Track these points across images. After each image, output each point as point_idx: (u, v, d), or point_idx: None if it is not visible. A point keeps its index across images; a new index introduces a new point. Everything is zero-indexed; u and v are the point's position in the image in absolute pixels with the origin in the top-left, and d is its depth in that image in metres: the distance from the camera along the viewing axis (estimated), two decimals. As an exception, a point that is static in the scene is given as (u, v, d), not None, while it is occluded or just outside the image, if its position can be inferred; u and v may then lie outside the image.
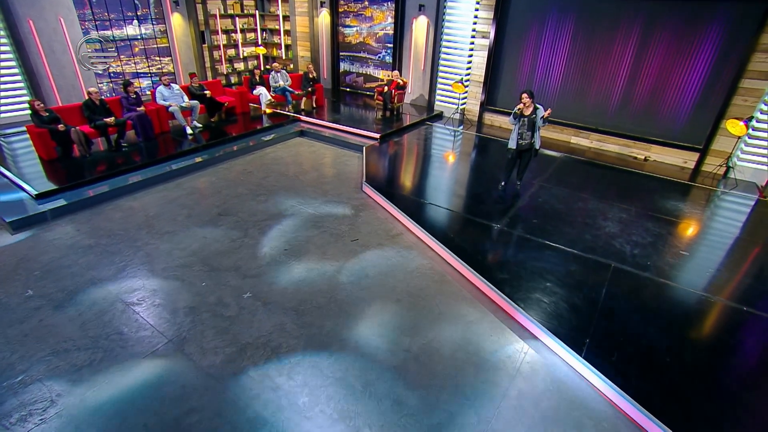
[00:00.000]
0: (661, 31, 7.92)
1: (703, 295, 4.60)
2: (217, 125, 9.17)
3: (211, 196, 6.48)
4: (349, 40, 12.05)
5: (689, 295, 4.63)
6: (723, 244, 5.79)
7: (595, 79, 8.84)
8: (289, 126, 9.58)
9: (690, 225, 6.20)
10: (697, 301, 4.55)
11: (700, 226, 6.19)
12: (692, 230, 6.07)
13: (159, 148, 7.87)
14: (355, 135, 9.14)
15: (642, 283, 4.73)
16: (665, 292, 4.64)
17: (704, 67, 7.76)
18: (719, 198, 7.22)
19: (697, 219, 6.43)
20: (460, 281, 4.78)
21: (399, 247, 5.38)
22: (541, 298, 4.38)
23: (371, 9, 11.28)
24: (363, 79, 12.30)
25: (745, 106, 7.57)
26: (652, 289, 4.66)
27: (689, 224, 6.21)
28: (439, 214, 6.04)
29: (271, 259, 5.01)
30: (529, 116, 6.23)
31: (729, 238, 5.96)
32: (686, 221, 6.29)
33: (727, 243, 5.81)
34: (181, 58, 11.33)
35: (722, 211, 6.83)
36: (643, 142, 8.60)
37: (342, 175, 7.43)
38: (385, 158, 8.22)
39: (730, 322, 4.32)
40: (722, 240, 5.89)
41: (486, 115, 10.52)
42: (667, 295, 4.61)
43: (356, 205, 6.36)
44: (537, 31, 9.21)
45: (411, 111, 10.92)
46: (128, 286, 4.51)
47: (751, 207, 6.89)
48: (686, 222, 6.27)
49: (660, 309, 4.39)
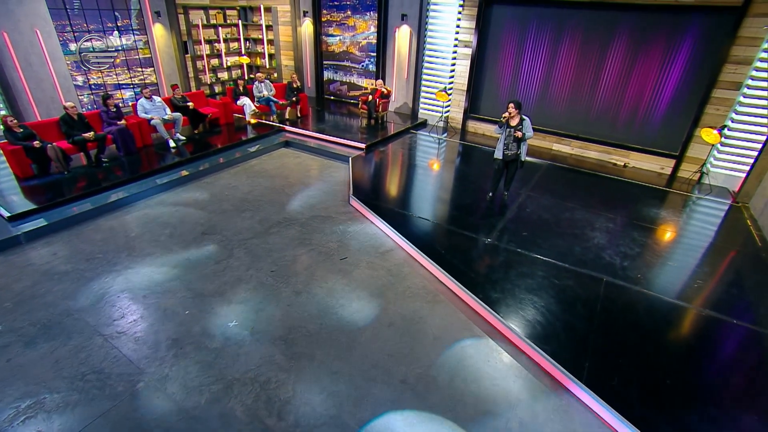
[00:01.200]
0: (638, 41, 7.77)
1: (694, 309, 4.41)
2: (200, 137, 8.71)
3: (195, 213, 6.06)
4: (332, 49, 11.67)
5: (681, 309, 4.42)
6: (704, 252, 5.63)
7: (576, 88, 8.66)
8: (274, 136, 9.18)
9: (673, 233, 6.03)
10: (688, 315, 4.35)
11: (683, 235, 6.03)
12: (675, 239, 5.90)
13: (141, 162, 7.39)
14: (341, 145, 8.79)
15: (635, 298, 4.51)
16: (657, 307, 4.42)
17: (679, 76, 7.64)
18: (696, 204, 7.09)
19: (678, 227, 6.27)
20: (454, 301, 4.49)
21: (389, 264, 5.07)
22: (537, 317, 4.12)
23: (354, 18, 10.92)
24: (347, 87, 11.93)
25: (717, 115, 7.47)
26: (645, 304, 4.44)
27: (672, 232, 6.05)
28: (428, 228, 5.75)
29: (257, 282, 4.64)
30: (515, 127, 5.98)
31: (711, 246, 5.80)
32: (669, 229, 6.13)
33: (708, 251, 5.65)
34: (164, 68, 10.79)
35: (700, 218, 6.68)
36: (622, 149, 8.47)
37: (329, 188, 7.07)
38: (372, 169, 7.89)
39: (722, 336, 4.12)
40: (702, 247, 5.74)
41: (469, 123, 10.28)
42: (660, 309, 4.40)
43: (344, 220, 6.02)
44: (518, 40, 8.99)
45: (395, 119, 10.61)
46: (107, 316, 4.10)
47: (725, 212, 6.81)
48: (669, 230, 6.10)
49: (655, 325, 4.17)
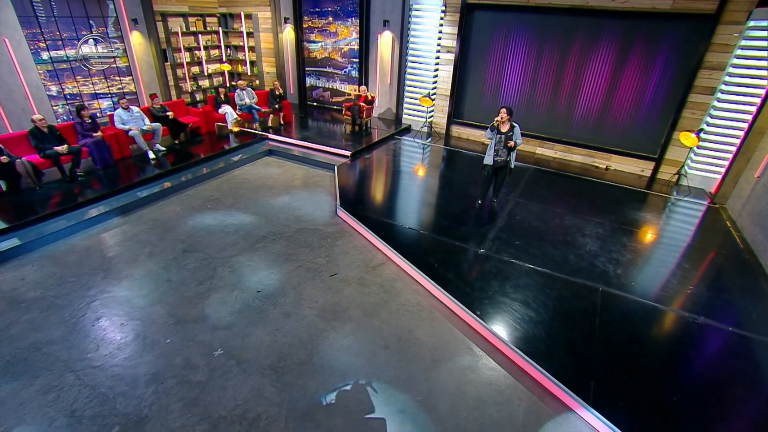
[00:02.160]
0: (618, 47, 7.67)
1: (690, 318, 4.25)
2: (181, 147, 8.23)
3: (176, 229, 5.63)
4: (314, 56, 11.27)
5: (679, 318, 4.26)
6: (690, 256, 5.51)
7: (558, 92, 8.52)
8: (257, 145, 8.75)
9: (659, 237, 5.92)
10: (687, 324, 4.19)
11: (668, 239, 5.91)
12: (662, 243, 5.78)
13: (119, 176, 6.89)
14: (326, 153, 8.43)
15: (632, 308, 4.34)
16: (655, 317, 4.26)
17: (657, 81, 7.57)
18: (677, 206, 7.02)
19: (663, 230, 6.17)
20: (450, 318, 4.22)
21: (381, 280, 4.76)
22: (536, 333, 3.89)
23: (335, 25, 10.56)
24: (330, 93, 11.56)
25: (693, 119, 7.44)
26: (643, 314, 4.26)
27: (659, 236, 5.94)
28: (418, 239, 5.46)
29: (243, 304, 4.28)
30: (506, 133, 5.76)
31: (696, 250, 5.69)
32: (655, 233, 6.02)
33: (694, 255, 5.54)
34: (143, 77, 10.21)
35: (683, 221, 6.59)
36: (604, 152, 8.37)
37: (315, 198, 6.72)
38: (358, 178, 7.56)
39: (723, 346, 3.96)
40: (688, 251, 5.62)
41: (453, 128, 10.05)
42: (658, 319, 4.24)
43: (332, 233, 5.69)
44: (501, 46, 8.79)
45: (379, 125, 10.30)
46: (80, 349, 3.68)
47: (705, 214, 6.76)
48: (656, 234, 6.00)
49: (655, 337, 4.01)
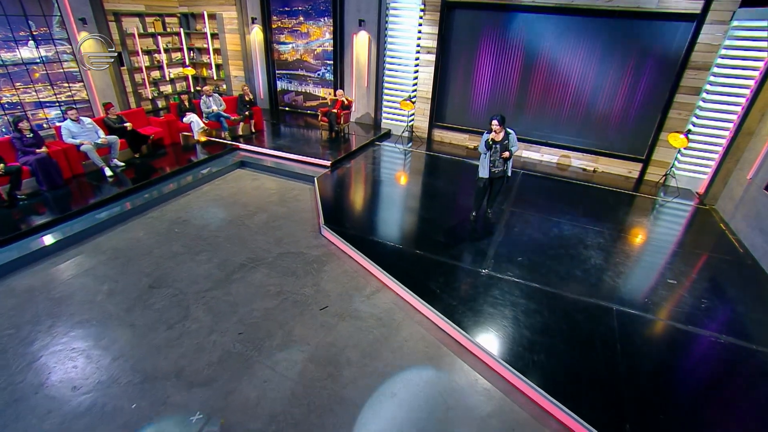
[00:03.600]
0: (604, 47, 7.43)
1: (712, 336, 3.96)
2: (143, 162, 7.39)
3: (140, 260, 4.90)
4: (285, 58, 10.56)
5: (698, 338, 3.95)
6: (693, 265, 5.28)
7: (543, 93, 8.22)
8: (228, 156, 8.01)
9: (658, 244, 5.69)
10: (709, 344, 3.89)
11: (669, 246, 5.67)
12: (663, 251, 5.53)
13: (70, 197, 6.04)
14: (303, 163, 7.80)
15: (651, 329, 4.03)
16: (675, 337, 3.95)
17: (644, 81, 7.38)
18: (668, 208, 6.88)
19: (661, 237, 5.96)
20: (461, 353, 3.75)
21: (378, 311, 4.24)
22: (557, 368, 3.47)
23: (307, 25, 9.90)
24: (303, 97, 10.88)
25: (679, 119, 7.30)
26: (663, 336, 3.96)
27: (658, 244, 5.70)
28: (414, 260, 4.96)
29: (223, 351, 3.65)
30: (501, 142, 5.34)
31: (697, 258, 5.47)
32: (653, 240, 5.80)
33: (697, 264, 5.31)
34: (96, 83, 9.22)
35: (678, 225, 6.44)
36: (591, 154, 8.15)
37: (295, 215, 6.10)
38: (341, 191, 6.98)
39: (753, 368, 3.67)
40: (690, 260, 5.39)
41: (435, 132, 9.61)
42: (678, 339, 3.93)
43: (318, 257, 5.11)
44: (484, 46, 8.41)
45: (358, 131, 9.74)
46: (17, 429, 2.96)
47: (694, 216, 6.62)
48: (654, 241, 5.76)
49: (678, 360, 3.68)
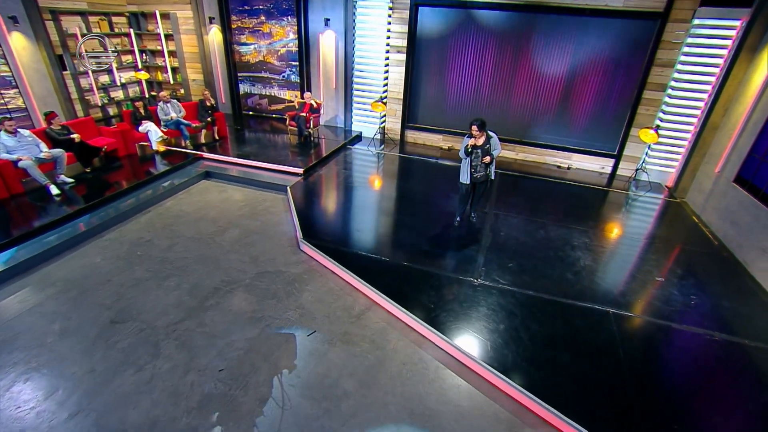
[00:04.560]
0: (574, 44, 7.44)
1: (705, 334, 3.93)
2: (95, 177, 6.67)
3: (97, 290, 4.33)
4: (247, 60, 9.97)
5: (694, 337, 3.92)
6: (670, 258, 5.33)
7: (516, 92, 8.17)
8: (191, 167, 7.40)
9: (638, 240, 5.72)
10: (705, 343, 3.85)
11: (653, 242, 5.71)
12: (647, 247, 5.55)
13: (9, 221, 5.31)
14: (274, 171, 7.33)
15: (649, 331, 3.96)
16: (673, 337, 3.90)
17: (613, 79, 7.46)
18: (641, 203, 7.00)
19: (640, 232, 6.01)
20: (463, 373, 3.51)
21: (370, 332, 3.92)
22: (566, 382, 3.29)
23: (269, 25, 9.37)
24: (267, 101, 10.33)
25: (647, 115, 7.44)
26: (661, 337, 3.90)
27: (637, 240, 5.73)
28: (402, 272, 4.67)
29: (203, 394, 3.22)
30: (482, 147, 5.14)
31: (676, 252, 5.53)
32: (632, 236, 5.83)
33: (673, 257, 5.37)
34: (34, 90, 8.28)
35: (653, 219, 6.52)
36: (564, 151, 8.19)
37: (270, 229, 5.67)
38: (316, 200, 6.59)
39: (751, 364, 3.66)
40: (668, 254, 5.44)
41: (408, 133, 9.37)
42: (675, 339, 3.88)
43: (298, 275, 4.72)
44: (455, 44, 8.24)
45: (328, 134, 9.34)
46: None
47: (666, 210, 6.76)
48: (637, 238, 5.80)
49: (680, 360, 3.61)
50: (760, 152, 5.46)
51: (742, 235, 5.36)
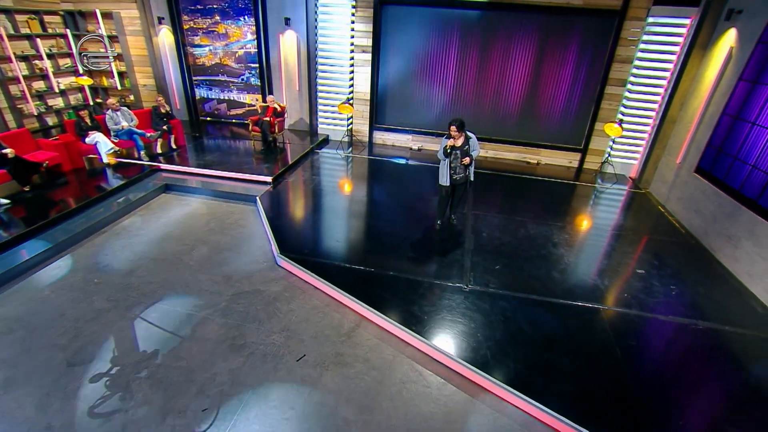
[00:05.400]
0: (538, 42, 7.53)
1: (690, 323, 4.00)
2: (36, 196, 5.94)
3: (49, 329, 3.79)
4: (202, 62, 9.35)
5: (680, 327, 3.98)
6: (649, 251, 5.48)
7: (483, 90, 8.17)
8: (147, 180, 6.78)
9: (611, 233, 5.84)
10: (692, 332, 3.92)
11: (626, 234, 5.83)
12: (622, 240, 5.66)
13: (-66, 253, 4.59)
14: (240, 181, 6.87)
15: (640, 326, 3.97)
16: (662, 330, 3.95)
17: (577, 75, 7.62)
18: (610, 193, 7.23)
19: (611, 224, 6.16)
20: (466, 387, 3.35)
21: (364, 351, 3.68)
22: (570, 388, 3.21)
23: (224, 25, 8.82)
24: (226, 105, 9.76)
25: (610, 110, 7.66)
26: (651, 331, 3.92)
27: (611, 232, 5.86)
28: (389, 283, 4.44)
29: (186, 442, 2.86)
30: (461, 148, 5.02)
31: (648, 242, 5.69)
32: (609, 229, 5.96)
33: (651, 248, 5.52)
34: (-45, 100, 7.31)
35: (625, 211, 6.70)
36: (533, 147, 8.30)
37: (242, 245, 5.27)
38: (289, 210, 6.24)
39: (740, 351, 3.75)
40: (638, 245, 5.59)
41: (376, 134, 9.16)
42: (665, 332, 3.93)
43: (279, 293, 4.38)
44: (420, 43, 8.10)
45: (293, 138, 8.94)
46: None
47: (633, 201, 7.00)
48: (612, 230, 5.92)
49: (673, 354, 3.64)
50: (716, 143, 5.72)
51: (706, 223, 5.59)
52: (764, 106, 5.01)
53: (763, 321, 4.20)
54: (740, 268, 4.90)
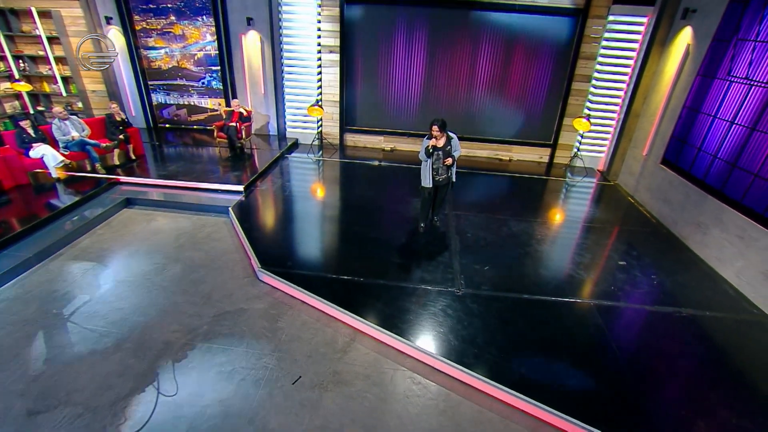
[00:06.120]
0: (507, 40, 7.62)
1: (675, 312, 4.12)
2: (-26, 218, 5.30)
3: (4, 371, 3.34)
4: (158, 66, 8.76)
5: (665, 317, 4.09)
6: (625, 241, 5.64)
7: (454, 88, 8.16)
8: (106, 195, 6.22)
9: (588, 226, 5.97)
10: (679, 320, 4.04)
11: (602, 227, 5.97)
12: (599, 232, 5.78)
13: None
14: (209, 191, 6.46)
15: (631, 318, 4.07)
16: (652, 321, 4.03)
17: (545, 72, 7.77)
18: (581, 186, 7.43)
19: (589, 218, 6.30)
20: (470, 395, 3.24)
21: (363, 367, 3.50)
22: (575, 388, 3.19)
23: (180, 26, 8.29)
24: (186, 111, 9.20)
25: (577, 105, 7.87)
26: (643, 323, 4.01)
27: (592, 226, 5.97)
28: (380, 292, 4.27)
29: (179, 489, 2.57)
30: (443, 148, 4.93)
31: (624, 233, 5.87)
32: (585, 222, 6.09)
33: (626, 239, 5.69)
34: None
35: (598, 203, 6.90)
36: (504, 144, 8.40)
37: (218, 260, 4.92)
38: (265, 220, 5.93)
39: (729, 337, 3.88)
40: (612, 236, 5.76)
41: (347, 137, 8.95)
42: (654, 323, 4.01)
43: (264, 310, 4.11)
44: (388, 42, 7.98)
45: (261, 144, 8.57)
46: None
47: (603, 192, 7.23)
48: (587, 223, 6.04)
49: (662, 344, 3.72)
50: (680, 135, 5.98)
51: (675, 212, 5.84)
52: (723, 99, 5.28)
53: (736, 303, 4.41)
54: (710, 253, 5.14)
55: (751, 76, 4.88)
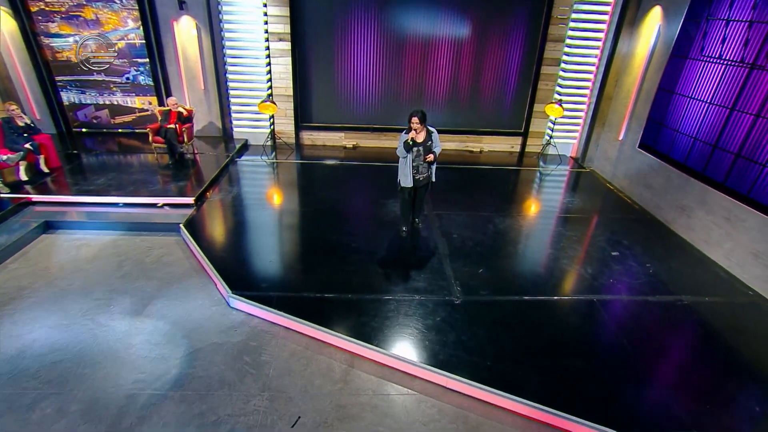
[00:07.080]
0: (474, 25, 7.73)
1: (677, 300, 4.36)
2: None
3: None
4: (66, 57, 7.92)
5: (666, 305, 4.31)
6: (613, 230, 5.90)
7: (420, 78, 8.14)
8: (13, 220, 5.49)
9: (578, 216, 6.19)
10: (681, 309, 4.27)
11: (587, 215, 6.23)
12: (586, 223, 6.03)
13: None
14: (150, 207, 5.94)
15: (635, 311, 4.25)
16: (655, 312, 4.23)
17: (513, 57, 7.97)
18: (556, 175, 7.75)
19: (573, 208, 6.53)
20: (492, 413, 3.19)
21: (369, 397, 3.33)
22: (593, 392, 3.25)
23: (93, 8, 7.56)
24: (108, 112, 8.44)
25: (547, 90, 8.16)
26: (647, 314, 4.19)
27: (577, 216, 6.21)
28: (374, 309, 4.11)
29: None
30: (423, 144, 4.86)
31: (611, 222, 6.15)
32: (569, 212, 6.32)
33: (612, 228, 5.96)
34: None
35: (577, 192, 7.18)
36: (474, 134, 8.54)
37: (174, 287, 4.51)
38: (226, 236, 5.53)
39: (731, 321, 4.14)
40: (603, 225, 6.03)
41: (304, 134, 8.66)
42: (659, 314, 4.20)
43: (243, 343, 3.81)
44: (345, 28, 7.78)
45: (204, 147, 8.05)
46: None
47: (577, 179, 7.56)
48: (572, 213, 6.28)
49: (683, 335, 3.91)
50: (657, 118, 6.36)
51: (658, 197, 6.21)
52: (698, 80, 5.67)
53: (730, 286, 4.75)
54: (697, 236, 5.51)
55: (724, 55, 5.27)
